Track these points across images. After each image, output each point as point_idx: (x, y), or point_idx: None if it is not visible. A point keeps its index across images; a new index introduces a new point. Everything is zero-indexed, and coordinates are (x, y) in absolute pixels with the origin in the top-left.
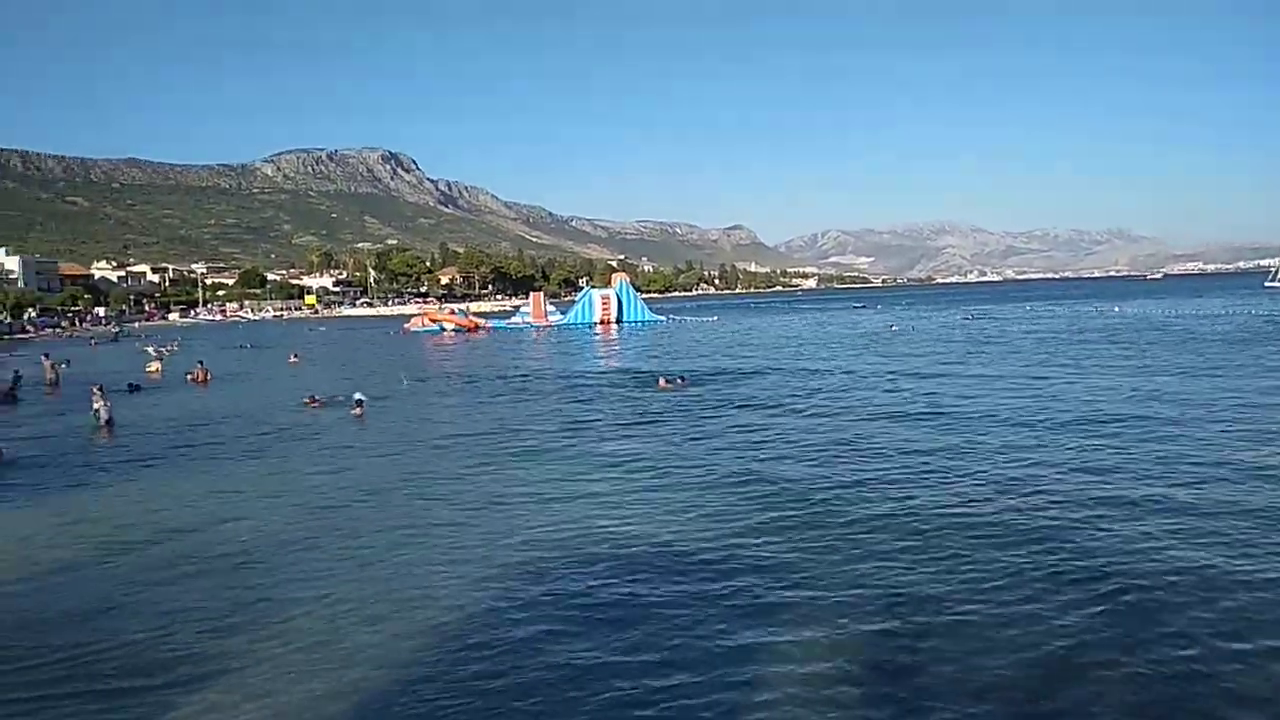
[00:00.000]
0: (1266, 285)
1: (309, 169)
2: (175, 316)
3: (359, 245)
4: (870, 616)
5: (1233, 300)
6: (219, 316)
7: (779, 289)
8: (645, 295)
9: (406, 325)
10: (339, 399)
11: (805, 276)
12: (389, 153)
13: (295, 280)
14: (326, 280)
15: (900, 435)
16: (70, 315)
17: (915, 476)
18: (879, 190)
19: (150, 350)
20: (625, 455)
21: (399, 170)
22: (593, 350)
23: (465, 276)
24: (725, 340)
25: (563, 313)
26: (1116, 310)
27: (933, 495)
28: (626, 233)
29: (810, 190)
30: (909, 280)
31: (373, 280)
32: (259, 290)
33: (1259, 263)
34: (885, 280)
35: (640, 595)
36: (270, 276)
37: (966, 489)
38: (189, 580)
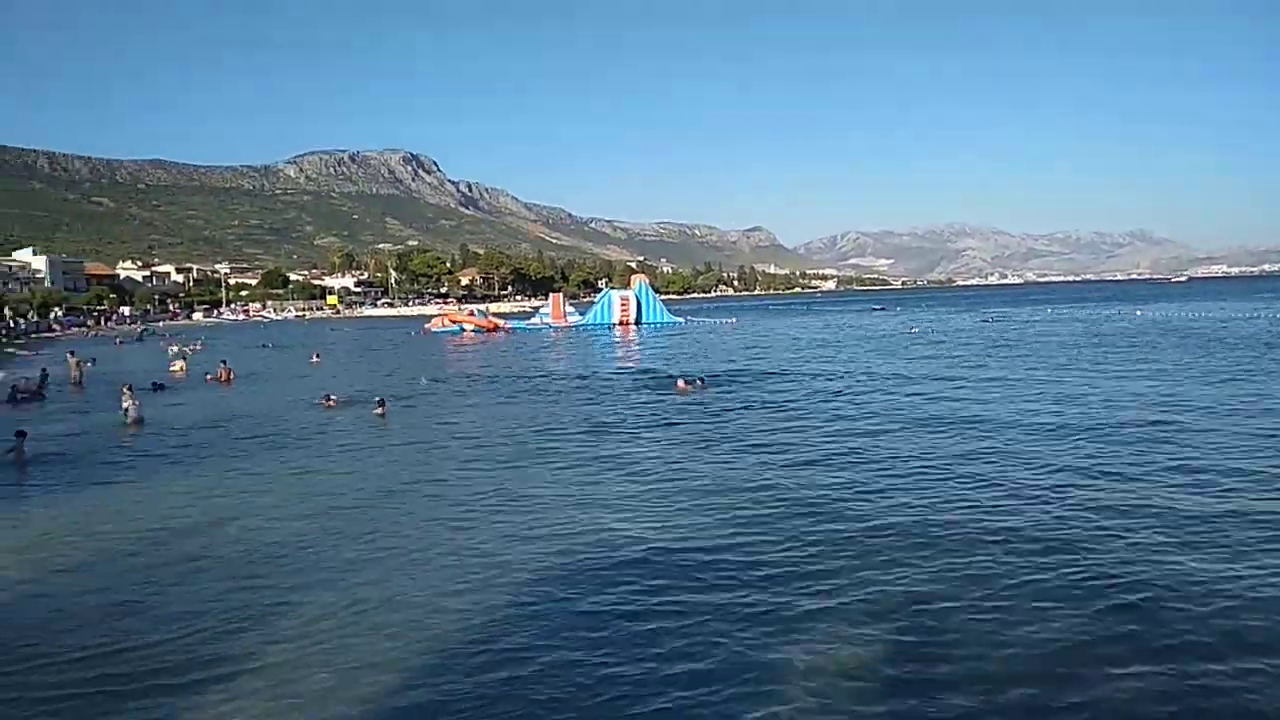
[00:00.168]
0: None
1: (331, 170)
2: (199, 316)
3: (380, 246)
4: (886, 627)
5: (1259, 304)
6: (242, 316)
7: (798, 291)
8: (664, 297)
9: (427, 326)
10: (355, 399)
11: (824, 278)
12: (410, 154)
13: (317, 281)
14: (348, 281)
15: (919, 441)
16: (96, 315)
17: (934, 484)
18: (899, 192)
19: (174, 349)
20: (643, 459)
21: (420, 171)
22: (612, 351)
23: (485, 277)
24: (744, 342)
25: (582, 314)
26: (1139, 314)
27: (953, 503)
28: (646, 234)
29: (830, 192)
30: (928, 282)
31: (393, 281)
32: (281, 290)
33: None
34: (905, 282)
35: (655, 603)
36: (292, 277)
37: (986, 497)
38: (209, 578)
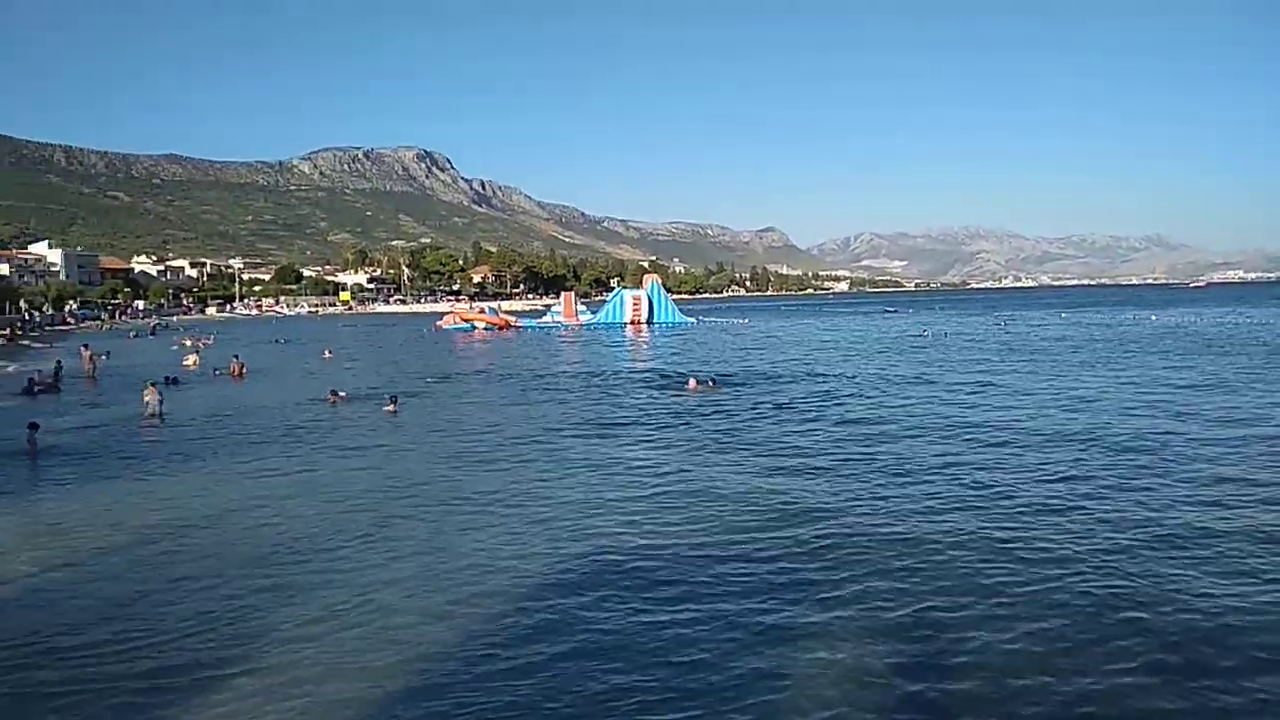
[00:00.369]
0: None
1: (345, 167)
2: (212, 311)
3: (393, 243)
4: (889, 639)
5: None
6: (255, 311)
7: (810, 292)
8: (676, 296)
9: (439, 323)
10: (361, 395)
11: (837, 280)
12: (424, 151)
13: (330, 277)
14: (361, 277)
15: (930, 449)
16: (110, 308)
17: (943, 492)
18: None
19: (187, 343)
20: (653, 462)
21: (434, 169)
22: (623, 351)
23: (497, 275)
24: (755, 343)
25: (594, 313)
26: (1153, 318)
27: (960, 514)
28: (658, 234)
29: (843, 193)
30: (942, 285)
31: (406, 278)
32: (294, 286)
33: None
34: (918, 285)
35: (658, 614)
36: (305, 273)
37: (995, 508)
38: (218, 575)
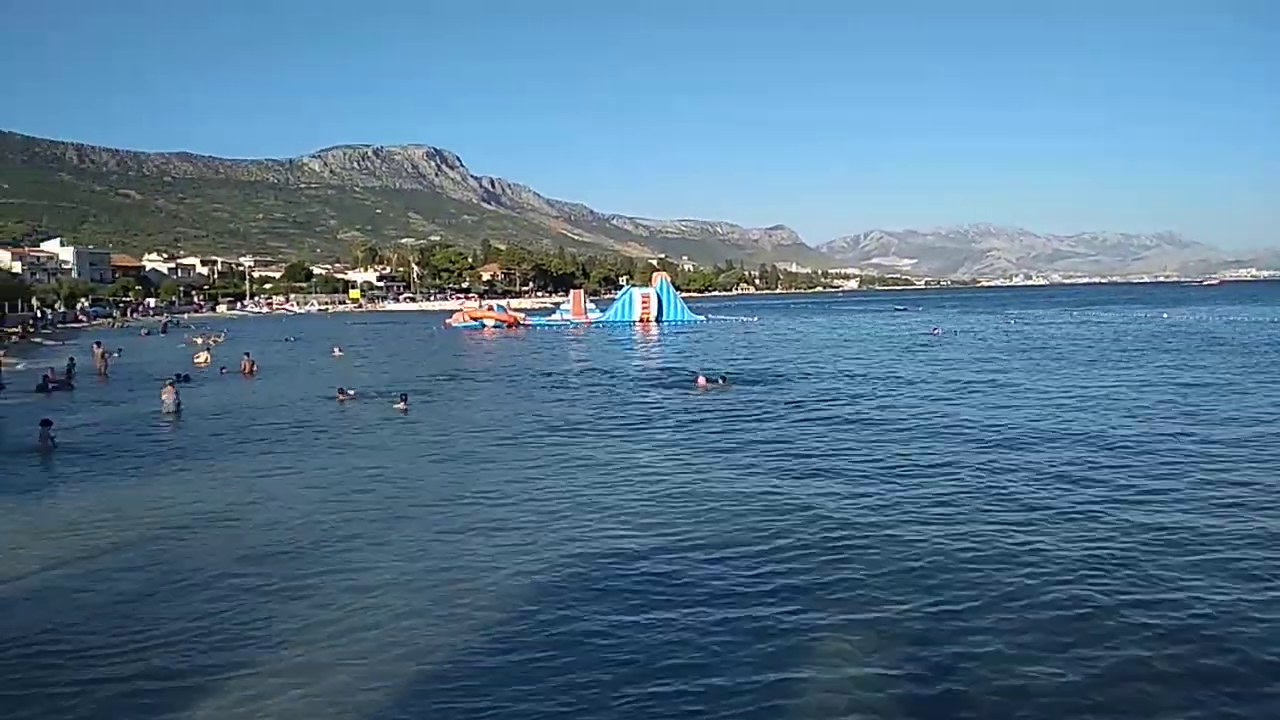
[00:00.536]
0: None
1: (355, 165)
2: (223, 308)
3: (403, 241)
4: (901, 646)
5: None
6: (265, 309)
7: (820, 290)
8: (685, 294)
9: (448, 320)
10: (369, 393)
11: (847, 278)
12: (434, 149)
13: (340, 275)
14: (370, 275)
15: (941, 449)
16: (122, 306)
17: (954, 494)
18: (923, 191)
19: (198, 341)
20: (662, 463)
21: (443, 167)
22: (632, 348)
23: (507, 273)
24: (764, 341)
25: (603, 310)
26: (1166, 317)
27: (971, 517)
28: (667, 231)
29: (853, 191)
30: (952, 283)
31: (416, 276)
32: (304, 284)
33: None
34: (928, 283)
35: (666, 617)
36: (316, 270)
37: (1007, 510)
38: (230, 572)
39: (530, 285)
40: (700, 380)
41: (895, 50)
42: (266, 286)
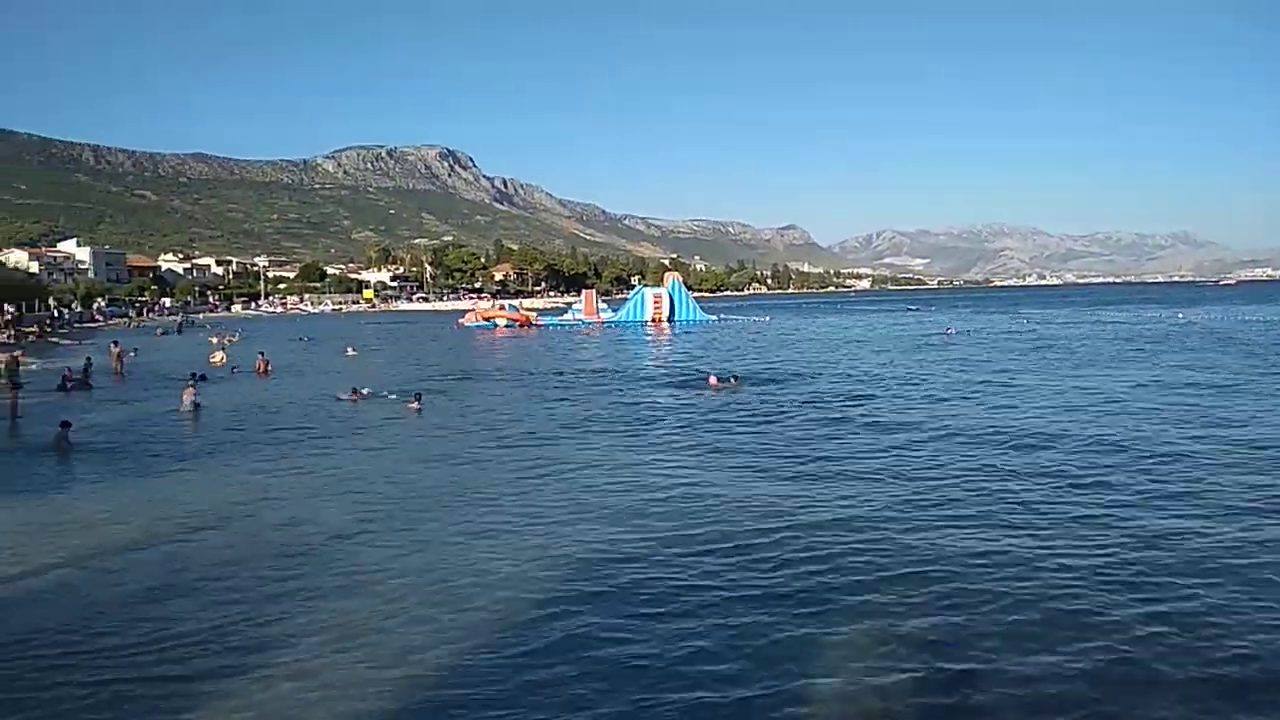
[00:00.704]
0: None
1: (369, 165)
2: (238, 308)
3: (416, 241)
4: (911, 657)
5: None
6: (279, 309)
7: (832, 290)
8: (697, 294)
9: (461, 320)
10: (382, 393)
11: (859, 277)
12: (447, 150)
13: (353, 275)
14: (384, 275)
15: (954, 453)
16: (138, 306)
17: (967, 500)
18: (935, 191)
19: (214, 340)
20: (674, 464)
21: (456, 167)
22: (644, 348)
23: (519, 273)
24: (777, 341)
25: (615, 310)
26: (1181, 317)
27: (985, 524)
28: (679, 231)
29: (865, 191)
30: (965, 283)
31: (429, 276)
32: (318, 284)
33: None
34: (941, 282)
35: (676, 625)
36: (329, 271)
37: (1021, 518)
38: (244, 572)
39: (543, 285)
40: (712, 380)
41: (894, 50)
42: (281, 286)
